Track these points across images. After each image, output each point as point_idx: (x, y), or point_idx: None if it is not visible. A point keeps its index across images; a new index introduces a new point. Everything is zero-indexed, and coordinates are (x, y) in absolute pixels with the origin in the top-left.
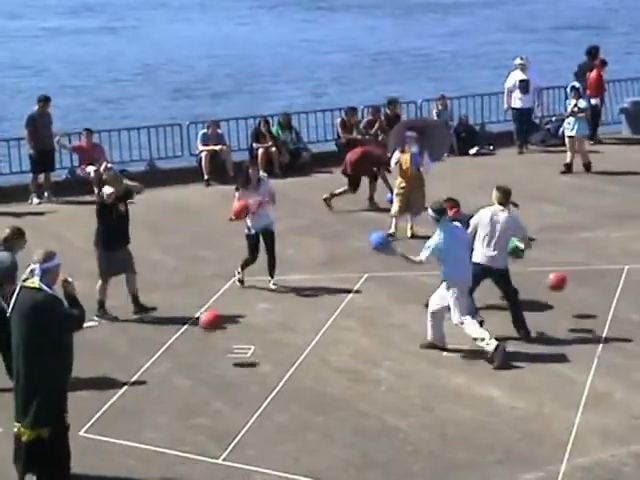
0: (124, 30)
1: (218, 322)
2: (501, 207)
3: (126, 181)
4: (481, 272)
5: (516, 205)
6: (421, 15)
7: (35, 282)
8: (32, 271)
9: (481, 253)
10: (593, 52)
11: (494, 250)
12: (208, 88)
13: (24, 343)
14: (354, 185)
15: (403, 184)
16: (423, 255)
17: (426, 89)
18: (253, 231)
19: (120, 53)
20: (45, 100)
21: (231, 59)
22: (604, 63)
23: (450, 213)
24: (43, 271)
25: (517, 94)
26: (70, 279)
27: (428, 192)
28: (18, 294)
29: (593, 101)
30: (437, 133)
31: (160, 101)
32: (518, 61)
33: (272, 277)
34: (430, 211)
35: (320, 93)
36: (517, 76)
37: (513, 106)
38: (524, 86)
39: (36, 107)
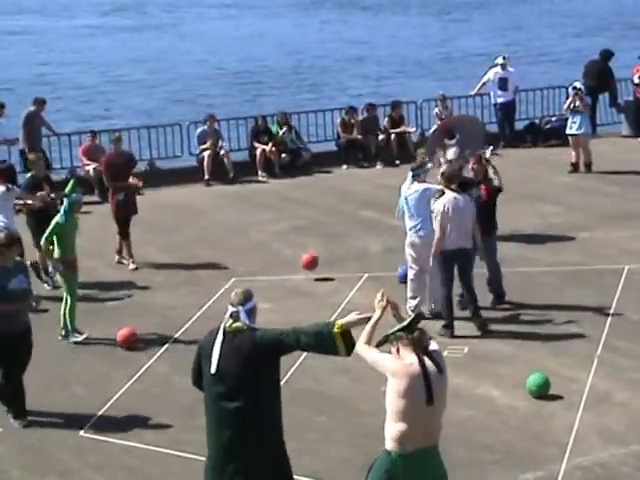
0: (164, 28)
1: (130, 339)
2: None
3: None
4: None
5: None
6: (459, 14)
7: (242, 324)
8: (232, 314)
9: None
10: (607, 56)
11: None
12: (274, 84)
13: (249, 390)
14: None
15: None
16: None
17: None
18: None
19: (174, 51)
20: (42, 102)
21: (284, 57)
22: None
23: None
24: (247, 312)
25: (497, 91)
26: None
27: None
28: (223, 342)
29: None
30: (469, 127)
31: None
32: (500, 60)
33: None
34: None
35: (386, 93)
36: (497, 74)
37: (494, 102)
38: (503, 84)
39: (32, 108)
